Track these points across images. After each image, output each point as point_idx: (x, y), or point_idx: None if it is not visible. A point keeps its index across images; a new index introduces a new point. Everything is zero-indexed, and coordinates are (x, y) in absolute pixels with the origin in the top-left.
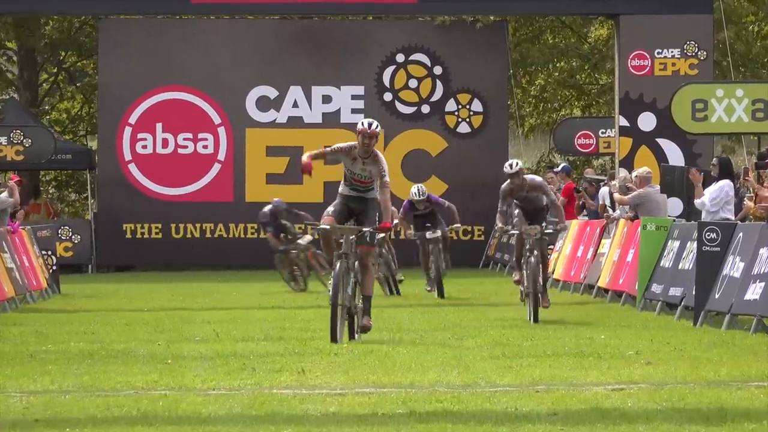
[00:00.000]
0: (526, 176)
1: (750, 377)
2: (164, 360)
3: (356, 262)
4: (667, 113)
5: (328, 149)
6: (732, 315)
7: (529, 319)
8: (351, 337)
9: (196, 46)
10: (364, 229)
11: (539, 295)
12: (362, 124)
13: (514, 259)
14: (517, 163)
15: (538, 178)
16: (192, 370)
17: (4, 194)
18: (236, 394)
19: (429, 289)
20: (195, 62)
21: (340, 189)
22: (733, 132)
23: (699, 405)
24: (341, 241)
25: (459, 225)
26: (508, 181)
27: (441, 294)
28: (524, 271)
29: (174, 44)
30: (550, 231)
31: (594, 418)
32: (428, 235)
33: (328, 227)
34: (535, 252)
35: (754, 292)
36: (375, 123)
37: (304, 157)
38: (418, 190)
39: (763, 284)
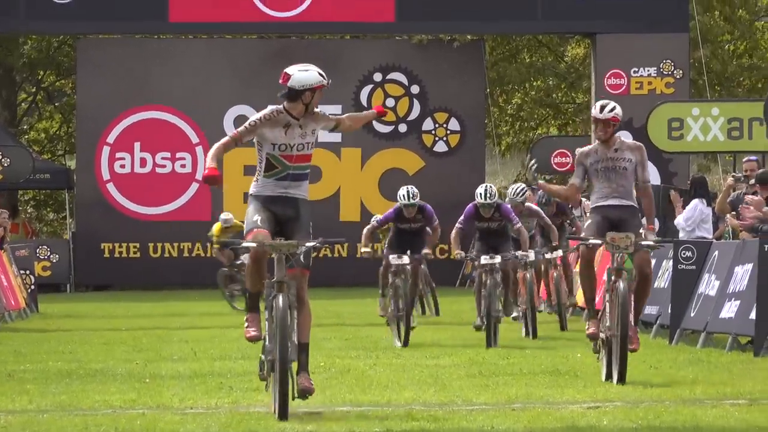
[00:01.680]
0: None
1: (725, 395)
2: (142, 379)
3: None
4: (644, 132)
5: (242, 129)
6: (707, 333)
7: (610, 377)
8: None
9: (174, 65)
10: (308, 245)
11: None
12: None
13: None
14: (613, 107)
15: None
16: (170, 389)
17: None
18: (214, 412)
19: (477, 325)
20: (173, 82)
21: (256, 188)
22: (708, 151)
23: (674, 423)
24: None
25: (527, 254)
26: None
27: (489, 341)
28: (606, 305)
29: (152, 64)
30: (650, 243)
31: None
32: (483, 260)
33: (265, 243)
34: (624, 273)
35: (729, 310)
36: (317, 72)
37: (208, 161)
38: (486, 190)
39: (738, 302)
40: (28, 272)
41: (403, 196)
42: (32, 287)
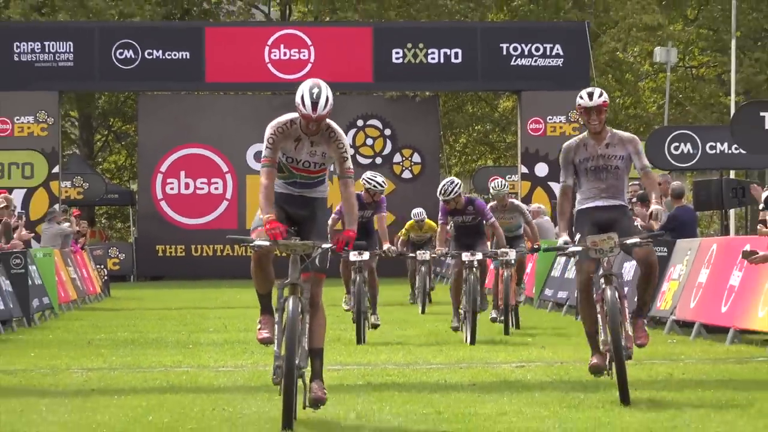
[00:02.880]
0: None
1: None
2: (186, 345)
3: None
4: (556, 163)
5: (267, 151)
6: None
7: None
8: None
9: (209, 114)
10: (324, 246)
11: (626, 346)
12: (303, 102)
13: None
14: (601, 92)
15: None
16: (207, 353)
17: (67, 224)
18: (240, 370)
19: (455, 326)
20: (209, 126)
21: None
22: None
23: (580, 378)
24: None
25: (508, 250)
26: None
27: (473, 338)
28: (599, 317)
29: (193, 112)
30: (636, 240)
31: (503, 388)
32: (465, 256)
33: (267, 243)
34: (613, 279)
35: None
36: (324, 96)
37: (265, 210)
38: (450, 185)
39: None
40: (102, 267)
41: (369, 179)
42: (105, 278)
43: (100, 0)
